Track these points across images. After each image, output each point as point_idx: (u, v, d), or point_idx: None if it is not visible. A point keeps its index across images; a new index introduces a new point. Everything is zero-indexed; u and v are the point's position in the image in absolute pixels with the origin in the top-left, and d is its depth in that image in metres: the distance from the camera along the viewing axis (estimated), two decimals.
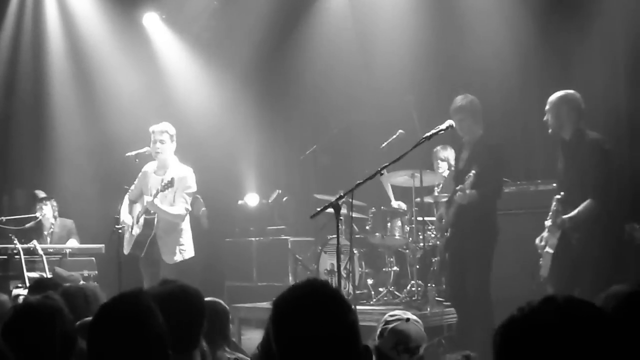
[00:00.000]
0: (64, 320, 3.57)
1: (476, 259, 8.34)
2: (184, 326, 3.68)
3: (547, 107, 7.83)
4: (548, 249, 7.72)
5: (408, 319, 4.83)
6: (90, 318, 4.10)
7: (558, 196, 7.66)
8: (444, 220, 8.83)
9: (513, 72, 10.92)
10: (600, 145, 7.63)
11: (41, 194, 11.69)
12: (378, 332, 4.81)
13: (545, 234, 7.84)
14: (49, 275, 9.76)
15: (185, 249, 9.25)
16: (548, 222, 7.76)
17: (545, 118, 7.87)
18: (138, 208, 9.30)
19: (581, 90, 8.12)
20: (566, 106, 7.71)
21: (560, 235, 7.61)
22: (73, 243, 11.10)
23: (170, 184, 8.80)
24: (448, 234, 8.58)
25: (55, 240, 11.28)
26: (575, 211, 7.49)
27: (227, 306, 5.42)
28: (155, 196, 8.87)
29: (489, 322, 7.88)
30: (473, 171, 8.17)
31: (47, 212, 11.40)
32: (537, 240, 7.93)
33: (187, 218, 9.37)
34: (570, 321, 2.09)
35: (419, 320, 4.93)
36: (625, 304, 2.77)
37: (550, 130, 7.89)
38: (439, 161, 10.67)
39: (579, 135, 7.70)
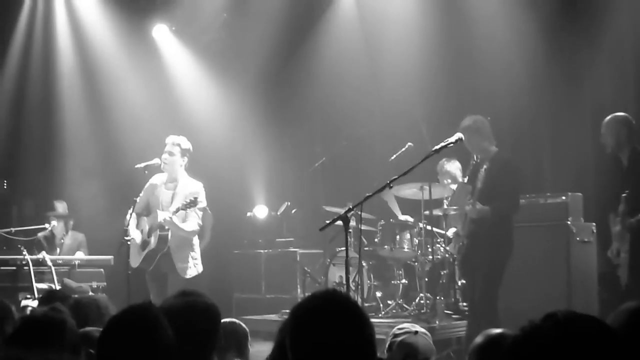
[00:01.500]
0: (69, 332, 3.57)
1: (486, 271, 8.32)
2: (196, 340, 3.66)
3: (604, 129, 8.03)
4: (623, 255, 7.78)
5: (416, 332, 4.84)
6: (92, 328, 4.10)
7: (624, 195, 7.79)
8: (459, 234, 8.80)
9: (522, 84, 10.94)
10: None
11: (60, 208, 11.68)
12: (387, 346, 4.82)
13: (615, 243, 7.96)
14: (58, 287, 9.77)
15: (198, 263, 9.24)
16: (617, 228, 7.87)
17: (603, 138, 8.08)
18: (145, 221, 9.25)
19: (590, 105, 8.19)
20: (626, 128, 7.96)
21: (632, 239, 7.68)
22: (80, 255, 11.11)
23: (194, 203, 8.78)
24: (464, 246, 8.55)
25: (66, 251, 11.29)
26: None
27: (246, 328, 5.42)
28: (174, 213, 8.84)
29: None
30: (479, 185, 8.21)
31: (58, 227, 11.42)
32: (609, 253, 8.06)
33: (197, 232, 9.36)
34: (570, 337, 2.08)
35: (427, 333, 4.94)
36: (631, 320, 2.76)
37: (609, 150, 8.10)
38: (444, 175, 10.64)
39: (637, 154, 7.94)
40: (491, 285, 8.30)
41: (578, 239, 9.57)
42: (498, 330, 3.70)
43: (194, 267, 9.15)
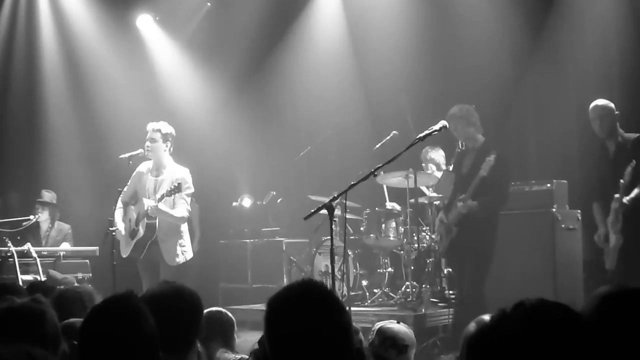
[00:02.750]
0: (49, 324, 3.54)
1: (475, 259, 8.37)
2: (179, 328, 3.67)
3: (597, 114, 8.07)
4: (614, 237, 7.83)
5: (398, 322, 4.98)
6: (75, 319, 4.09)
7: (617, 196, 7.76)
8: (444, 222, 8.80)
9: (507, 72, 10.95)
10: None
11: (46, 197, 11.63)
12: (370, 336, 4.92)
13: (601, 229, 8.03)
14: (43, 278, 9.72)
15: (187, 250, 9.20)
16: (610, 219, 7.88)
17: (598, 125, 8.09)
18: (132, 210, 9.22)
19: (575, 92, 8.24)
20: (616, 116, 8.03)
21: (624, 219, 7.73)
22: (65, 247, 11.07)
23: (178, 189, 8.73)
24: (453, 233, 8.58)
25: (51, 243, 11.24)
26: (634, 193, 7.70)
27: (232, 317, 5.44)
28: (159, 200, 8.80)
29: None
30: (475, 181, 8.25)
31: (43, 216, 11.37)
32: (595, 237, 8.11)
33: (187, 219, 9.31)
34: (537, 326, 2.08)
35: (408, 326, 5.07)
36: (602, 304, 2.76)
37: (603, 135, 8.12)
38: (428, 163, 10.66)
39: (622, 138, 8.01)
40: (480, 273, 8.35)
41: (563, 226, 9.59)
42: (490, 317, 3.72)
43: (182, 254, 9.11)
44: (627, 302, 2.71)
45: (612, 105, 8.08)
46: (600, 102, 8.12)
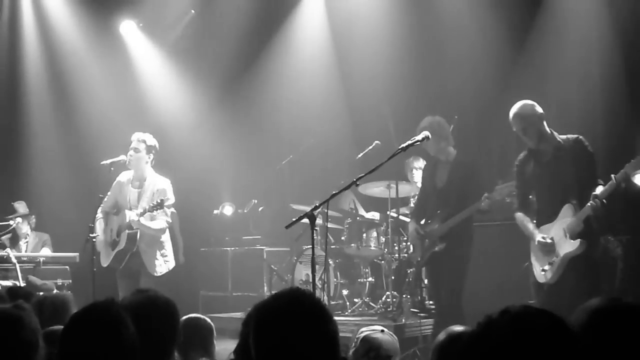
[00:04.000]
0: (26, 330, 3.52)
1: (452, 269, 8.35)
2: (156, 336, 3.65)
3: (521, 125, 7.51)
4: (566, 249, 7.15)
5: (383, 330, 4.92)
6: (57, 327, 4.06)
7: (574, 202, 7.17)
8: (419, 233, 8.78)
9: (488, 82, 10.97)
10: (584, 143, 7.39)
11: (20, 208, 11.57)
12: (353, 343, 4.88)
13: (540, 237, 7.43)
14: (23, 284, 9.68)
15: (169, 260, 9.22)
16: (568, 222, 7.17)
17: (528, 132, 7.51)
18: (114, 220, 9.20)
19: (557, 100, 8.16)
20: (539, 117, 7.48)
21: (585, 232, 7.09)
22: (46, 253, 11.03)
23: (160, 205, 8.73)
24: (437, 247, 8.52)
25: (31, 249, 11.21)
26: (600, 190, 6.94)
27: (212, 323, 5.42)
28: (141, 215, 8.80)
29: None
30: (439, 186, 8.25)
31: (21, 225, 11.32)
32: (540, 239, 7.37)
33: (167, 230, 9.30)
34: (524, 332, 2.09)
35: (393, 335, 5.00)
36: (592, 319, 2.75)
37: (533, 145, 7.57)
38: (413, 170, 10.68)
39: (559, 139, 7.48)
40: (458, 282, 8.34)
41: None
42: (460, 328, 3.73)
43: (164, 264, 9.14)
44: (619, 318, 2.70)
45: (533, 104, 7.48)
46: (521, 108, 7.49)
